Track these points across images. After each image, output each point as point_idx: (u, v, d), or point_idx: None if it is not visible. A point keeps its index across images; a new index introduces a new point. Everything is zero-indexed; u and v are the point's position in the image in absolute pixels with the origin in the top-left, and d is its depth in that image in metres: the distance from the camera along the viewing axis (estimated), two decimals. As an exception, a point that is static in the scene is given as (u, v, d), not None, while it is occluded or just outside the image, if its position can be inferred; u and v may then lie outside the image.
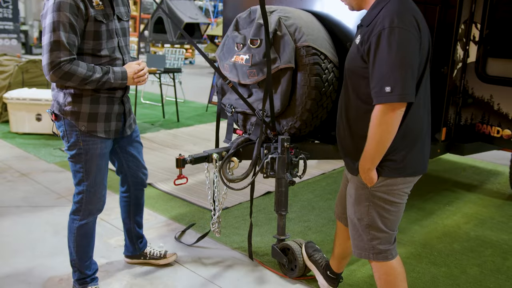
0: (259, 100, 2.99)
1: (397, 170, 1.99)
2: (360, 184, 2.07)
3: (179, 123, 7.46)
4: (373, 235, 2.11)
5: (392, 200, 2.05)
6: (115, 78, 2.40)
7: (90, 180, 2.49)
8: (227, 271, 3.05)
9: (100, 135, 2.46)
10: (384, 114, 1.86)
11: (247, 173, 2.98)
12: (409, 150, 1.98)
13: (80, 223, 2.56)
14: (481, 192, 4.59)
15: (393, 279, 2.15)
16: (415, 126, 1.98)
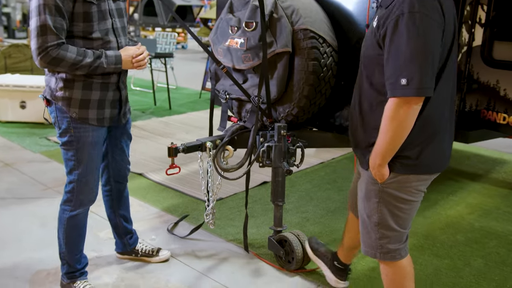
0: (254, 86, 2.98)
1: (410, 167, 1.92)
2: (371, 179, 2.01)
3: (171, 111, 7.44)
4: (382, 234, 2.06)
5: (404, 197, 1.98)
6: (108, 62, 2.36)
7: (82, 169, 2.49)
8: (222, 264, 3.06)
9: (92, 123, 2.45)
10: (398, 109, 1.77)
11: (242, 162, 2.98)
12: (425, 146, 1.90)
13: (70, 213, 2.56)
14: (486, 182, 4.61)
15: (401, 278, 2.12)
16: (434, 121, 1.88)
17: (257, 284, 2.85)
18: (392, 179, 1.95)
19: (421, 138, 1.89)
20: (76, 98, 2.39)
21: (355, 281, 2.88)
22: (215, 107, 3.35)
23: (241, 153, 3.20)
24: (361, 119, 2.01)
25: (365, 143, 2.01)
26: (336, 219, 3.71)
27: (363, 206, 2.09)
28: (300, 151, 2.98)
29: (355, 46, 2.86)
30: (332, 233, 3.49)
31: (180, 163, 4.55)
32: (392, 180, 1.95)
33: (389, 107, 1.80)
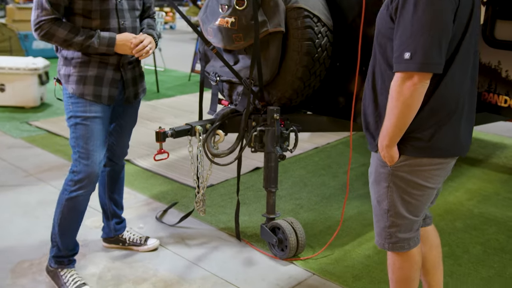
0: (246, 67, 2.97)
1: (422, 150, 1.88)
2: (380, 162, 1.98)
3: (159, 94, 7.41)
4: (392, 222, 2.02)
5: (416, 181, 1.94)
6: (99, 43, 2.43)
7: (82, 146, 2.52)
8: (213, 252, 3.08)
9: (88, 98, 2.50)
10: (402, 84, 1.75)
11: (233, 147, 2.98)
12: (438, 129, 1.86)
13: (70, 194, 2.57)
14: (486, 167, 4.65)
15: (409, 267, 2.10)
16: (448, 102, 1.85)
17: (249, 273, 2.87)
18: (402, 162, 1.91)
19: (434, 119, 1.85)
20: (73, 75, 2.50)
21: (350, 269, 2.90)
22: (205, 90, 3.33)
23: (232, 138, 3.19)
24: (373, 98, 1.97)
25: (376, 123, 1.97)
26: (330, 206, 3.73)
27: (373, 191, 2.07)
28: (294, 135, 2.97)
29: (351, 25, 2.85)
30: (327, 220, 3.51)
31: (168, 148, 4.54)
32: (402, 163, 1.92)
33: (394, 83, 1.79)
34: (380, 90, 1.94)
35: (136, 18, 2.62)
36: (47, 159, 4.56)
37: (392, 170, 1.94)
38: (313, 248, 3.12)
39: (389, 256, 2.15)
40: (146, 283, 2.76)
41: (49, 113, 6.14)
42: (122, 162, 2.95)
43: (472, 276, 2.86)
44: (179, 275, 2.84)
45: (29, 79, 6.17)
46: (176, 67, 9.56)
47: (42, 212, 3.54)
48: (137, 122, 2.91)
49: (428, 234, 2.28)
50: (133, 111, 2.81)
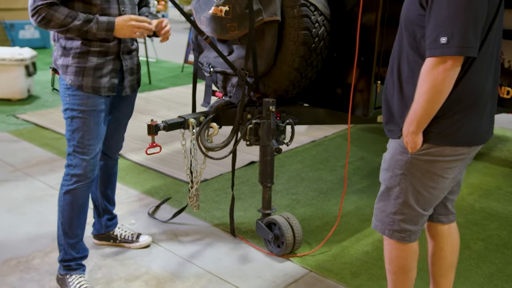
0: (240, 58, 2.96)
1: (445, 138, 1.90)
2: (400, 148, 1.99)
3: (151, 86, 7.39)
4: (398, 209, 2.06)
5: (433, 171, 1.96)
6: (98, 28, 2.41)
7: (78, 140, 2.52)
8: (207, 249, 3.08)
9: (87, 91, 2.49)
10: (435, 69, 1.76)
11: (228, 140, 2.98)
12: (464, 116, 1.88)
13: (67, 188, 2.57)
14: (487, 160, 4.66)
15: (406, 257, 2.13)
16: (475, 88, 1.87)
17: (244, 270, 2.88)
18: (424, 150, 1.93)
19: (459, 106, 1.87)
20: (71, 66, 2.49)
21: (349, 265, 2.91)
22: (199, 82, 3.33)
23: (226, 131, 3.19)
24: (399, 87, 1.97)
25: (402, 114, 1.96)
26: (328, 201, 3.74)
27: (385, 176, 2.09)
28: (290, 128, 2.98)
29: (350, 14, 2.85)
30: (324, 215, 3.52)
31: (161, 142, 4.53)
32: (424, 151, 1.93)
33: (426, 68, 1.79)
34: (406, 79, 1.94)
35: (135, 6, 2.62)
36: (35, 154, 4.55)
37: (412, 158, 1.96)
38: (310, 245, 3.13)
39: (386, 246, 2.17)
40: (138, 280, 2.76)
41: (36, 106, 6.12)
42: (116, 156, 2.95)
43: (473, 273, 2.88)
44: (172, 272, 2.84)
45: (15, 70, 6.14)
46: (169, 58, 9.53)
47: (29, 208, 3.53)
48: (128, 115, 2.90)
49: (452, 232, 2.29)
50: (129, 103, 2.81)
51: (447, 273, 2.30)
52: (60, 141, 4.85)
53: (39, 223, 3.33)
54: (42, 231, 3.23)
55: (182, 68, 8.50)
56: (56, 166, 4.24)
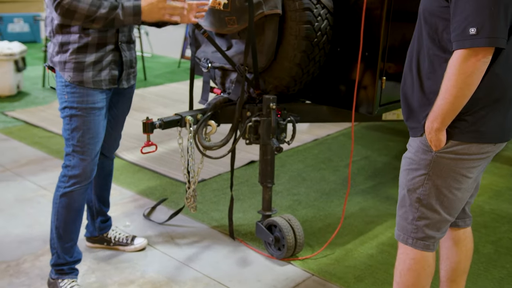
0: (240, 53, 2.96)
1: (471, 134, 1.89)
2: (424, 146, 1.97)
3: (146, 82, 7.40)
4: (421, 213, 2.02)
5: (458, 171, 1.94)
6: (124, 14, 2.38)
7: (78, 139, 2.52)
8: (205, 252, 3.09)
9: (88, 86, 2.49)
10: (465, 61, 1.75)
11: (226, 139, 2.98)
12: (490, 111, 1.88)
13: (63, 190, 2.57)
14: (497, 160, 4.67)
15: (420, 268, 2.08)
16: (501, 82, 1.87)
17: (244, 274, 2.89)
18: (449, 148, 1.92)
19: (485, 101, 1.86)
20: (70, 61, 2.48)
21: (352, 269, 2.92)
22: (196, 78, 3.33)
23: (225, 129, 3.20)
24: (419, 82, 1.97)
25: (423, 110, 1.96)
26: (331, 202, 3.75)
27: (406, 179, 2.06)
28: (292, 126, 2.98)
29: (354, 7, 2.85)
30: (327, 217, 3.52)
31: (156, 140, 4.53)
32: (449, 149, 1.92)
33: (454, 61, 1.78)
34: (427, 74, 1.94)
35: None
36: (25, 153, 4.55)
37: (437, 157, 1.94)
38: (312, 247, 3.13)
39: (400, 255, 2.12)
40: (133, 285, 2.77)
41: (26, 103, 6.12)
42: (113, 156, 2.95)
43: (483, 277, 2.89)
44: (169, 276, 2.85)
45: (4, 66, 6.14)
46: (165, 53, 9.53)
47: (19, 210, 3.54)
48: (122, 112, 2.90)
49: (467, 237, 2.28)
50: (127, 99, 2.81)
51: (459, 279, 2.30)
52: (51, 140, 4.86)
53: (30, 225, 3.34)
54: (33, 234, 3.23)
55: (178, 64, 8.50)
56: (47, 166, 4.25)
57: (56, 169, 4.09)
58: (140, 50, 7.66)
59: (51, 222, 2.64)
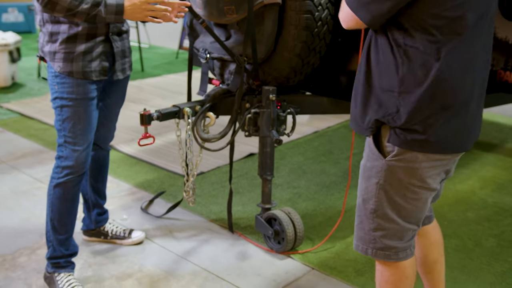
0: (239, 43, 2.97)
1: (418, 143, 1.81)
2: (372, 154, 1.93)
3: (143, 73, 7.39)
4: (377, 224, 1.96)
5: (410, 181, 1.87)
6: (107, 11, 2.39)
7: (69, 130, 2.53)
8: (203, 246, 3.10)
9: (77, 76, 2.50)
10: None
11: (225, 131, 2.99)
12: (437, 120, 1.79)
13: (57, 181, 2.58)
14: (501, 152, 4.68)
15: (397, 280, 2.03)
16: (449, 87, 1.77)
17: (243, 268, 2.90)
18: (397, 156, 1.86)
19: (433, 107, 1.78)
20: (59, 51, 2.49)
21: (353, 263, 2.93)
22: (194, 69, 3.34)
23: (224, 121, 3.20)
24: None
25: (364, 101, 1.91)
26: (331, 195, 3.76)
27: (360, 187, 2.03)
28: (292, 118, 2.99)
29: (355, -3, 2.85)
30: (327, 210, 3.54)
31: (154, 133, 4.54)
32: (398, 157, 1.86)
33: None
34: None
35: None
36: (21, 145, 4.56)
37: (387, 164, 1.88)
38: (312, 241, 3.15)
39: (377, 268, 2.08)
40: (131, 279, 2.79)
41: (21, 94, 6.12)
42: (108, 147, 2.96)
43: (485, 271, 2.90)
44: (167, 270, 2.86)
45: (-2, 57, 6.14)
46: (162, 44, 9.52)
47: (15, 203, 3.55)
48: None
49: (426, 232, 2.25)
50: (121, 89, 2.81)
51: (433, 271, 2.27)
52: (47, 132, 4.87)
53: (26, 219, 3.35)
54: (29, 227, 3.25)
55: (176, 55, 8.49)
56: (43, 158, 4.26)
57: (52, 161, 4.08)
58: (137, 41, 7.64)
59: (46, 215, 2.66)
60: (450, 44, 1.74)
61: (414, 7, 1.72)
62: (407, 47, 1.77)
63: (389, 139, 1.86)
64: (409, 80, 1.78)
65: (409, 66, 1.77)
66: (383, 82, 1.84)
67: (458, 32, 1.74)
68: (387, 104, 1.83)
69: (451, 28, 1.73)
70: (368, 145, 1.98)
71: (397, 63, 1.79)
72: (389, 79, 1.81)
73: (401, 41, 1.77)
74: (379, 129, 1.90)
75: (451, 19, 1.71)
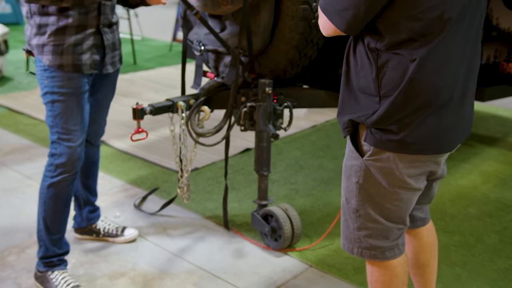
0: (234, 35, 2.96)
1: (394, 144, 1.81)
2: (351, 152, 1.93)
3: (136, 66, 7.37)
4: (360, 223, 1.96)
5: (391, 182, 1.87)
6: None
7: (62, 126, 2.52)
8: (198, 243, 3.10)
9: (68, 69, 2.49)
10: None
11: (220, 125, 2.99)
12: (414, 119, 1.78)
13: (51, 180, 2.57)
14: (503, 146, 4.69)
15: (388, 280, 2.01)
16: (426, 89, 1.75)
17: (239, 266, 2.91)
18: (374, 156, 1.86)
19: (408, 109, 1.77)
20: (48, 44, 2.47)
21: (351, 260, 2.94)
22: (188, 61, 3.33)
23: (219, 115, 3.20)
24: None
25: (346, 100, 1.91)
26: (329, 191, 3.77)
27: (343, 186, 2.03)
28: (288, 112, 2.99)
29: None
30: (325, 206, 3.54)
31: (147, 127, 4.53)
32: (374, 157, 1.86)
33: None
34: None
35: None
36: (9, 141, 4.55)
37: (365, 164, 1.88)
38: (310, 238, 3.16)
39: (367, 268, 2.09)
40: (124, 278, 2.79)
41: (9, 88, 6.10)
42: (98, 143, 2.96)
43: (487, 268, 2.91)
44: (161, 268, 2.86)
45: (-14, 49, 6.12)
46: (155, 36, 9.49)
47: (4, 201, 3.54)
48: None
49: (418, 233, 2.24)
50: (110, 83, 2.81)
51: (422, 272, 2.27)
52: (37, 127, 4.85)
53: (15, 217, 3.35)
54: (18, 225, 3.24)
55: (170, 47, 8.47)
56: (32, 155, 4.25)
57: (42, 158, 4.10)
58: (130, 33, 7.62)
59: (37, 214, 2.65)
60: (425, 46, 1.72)
61: (390, 10, 1.70)
62: (379, 51, 1.76)
63: (365, 139, 1.86)
64: (386, 83, 1.77)
65: (384, 70, 1.76)
66: (360, 84, 1.84)
67: (434, 32, 1.71)
68: (365, 105, 1.83)
69: (428, 29, 1.70)
70: (348, 143, 1.97)
71: (372, 66, 1.79)
72: (367, 81, 1.82)
73: (373, 45, 1.77)
74: (357, 128, 1.91)
75: (427, 20, 1.69)
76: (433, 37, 1.72)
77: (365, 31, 1.79)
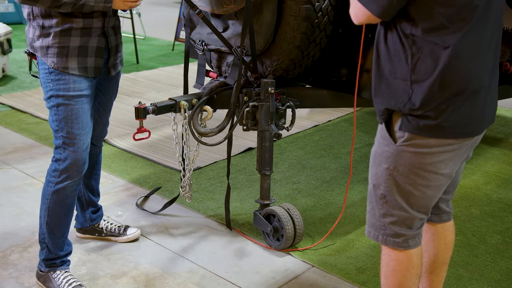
0: (236, 34, 2.96)
1: (429, 128, 1.87)
2: (384, 139, 1.98)
3: (138, 66, 7.38)
4: (386, 210, 2.01)
5: (422, 167, 1.92)
6: (95, 0, 2.38)
7: (67, 130, 2.50)
8: (200, 243, 3.10)
9: (73, 72, 2.47)
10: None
11: (223, 125, 2.99)
12: (449, 106, 1.85)
13: (56, 187, 2.55)
14: (506, 147, 4.68)
15: (403, 269, 2.07)
16: (459, 74, 1.83)
17: (241, 265, 2.90)
18: (408, 140, 1.91)
19: (444, 95, 1.84)
20: (53, 46, 2.44)
21: (354, 260, 2.94)
22: (191, 61, 3.33)
23: (221, 115, 3.20)
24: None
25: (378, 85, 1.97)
26: (332, 191, 3.76)
27: (371, 173, 2.07)
28: (291, 111, 2.98)
29: (356, -14, 2.84)
30: (327, 206, 3.54)
31: (150, 127, 4.54)
32: (409, 142, 1.91)
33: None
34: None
35: None
36: (12, 140, 4.55)
37: (398, 150, 1.93)
38: (312, 238, 3.15)
39: (383, 257, 2.12)
40: (126, 277, 2.79)
41: (12, 87, 6.11)
42: (101, 144, 2.94)
43: (490, 268, 2.91)
44: (163, 268, 2.87)
45: (-12, 48, 6.12)
46: (158, 35, 9.50)
47: (6, 199, 3.54)
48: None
49: (445, 230, 2.27)
50: (113, 84, 2.80)
51: (439, 270, 2.30)
52: (39, 126, 4.86)
53: (17, 215, 3.35)
54: (20, 224, 3.25)
55: (172, 46, 8.47)
56: (35, 154, 4.25)
57: (44, 156, 4.10)
58: (132, 32, 7.63)
59: (40, 217, 2.63)
60: (458, 32, 1.78)
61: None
62: (415, 37, 1.82)
63: (401, 126, 1.92)
64: (420, 69, 1.84)
65: (418, 56, 1.83)
66: (393, 70, 1.90)
67: (467, 19, 1.78)
68: (398, 91, 1.89)
69: (459, 16, 1.77)
70: (379, 131, 2.02)
71: (406, 52, 1.85)
72: (400, 67, 1.88)
73: (408, 31, 1.82)
74: (391, 115, 1.96)
75: (459, 6, 1.75)
76: (464, 24, 1.79)
77: (398, 17, 1.85)
